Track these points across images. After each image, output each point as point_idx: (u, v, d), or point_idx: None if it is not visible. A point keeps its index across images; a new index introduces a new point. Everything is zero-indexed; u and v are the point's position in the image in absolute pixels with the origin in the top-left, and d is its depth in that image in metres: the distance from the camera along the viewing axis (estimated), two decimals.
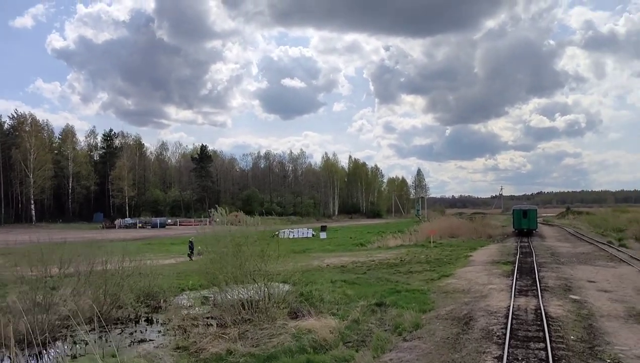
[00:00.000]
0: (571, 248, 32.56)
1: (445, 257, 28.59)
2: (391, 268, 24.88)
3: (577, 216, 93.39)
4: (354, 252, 35.61)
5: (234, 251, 16.56)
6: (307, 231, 60.05)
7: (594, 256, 27.60)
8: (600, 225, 69.07)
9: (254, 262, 16.50)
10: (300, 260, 31.79)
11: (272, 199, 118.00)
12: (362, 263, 27.47)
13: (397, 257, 29.90)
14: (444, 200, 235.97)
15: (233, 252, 16.61)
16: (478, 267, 23.36)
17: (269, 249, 18.29)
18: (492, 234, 53.80)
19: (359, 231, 68.06)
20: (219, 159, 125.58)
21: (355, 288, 19.30)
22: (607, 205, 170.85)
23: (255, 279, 16.32)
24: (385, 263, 27.12)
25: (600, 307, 14.47)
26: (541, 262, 24.40)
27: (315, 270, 26.01)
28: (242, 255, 16.89)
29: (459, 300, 15.79)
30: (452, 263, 25.62)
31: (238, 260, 16.27)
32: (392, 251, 35.10)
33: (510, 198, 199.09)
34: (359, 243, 45.58)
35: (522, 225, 49.09)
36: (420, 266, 25.09)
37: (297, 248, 41.08)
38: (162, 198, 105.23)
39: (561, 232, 54.63)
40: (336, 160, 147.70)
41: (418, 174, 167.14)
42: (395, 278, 21.29)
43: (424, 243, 38.98)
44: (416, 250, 34.36)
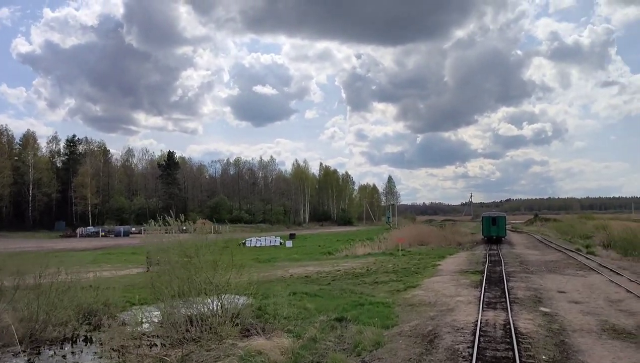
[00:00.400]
0: (540, 256, 32.06)
1: (413, 266, 27.70)
2: (357, 279, 23.85)
3: (545, 223, 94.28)
4: (320, 261, 34.50)
5: (183, 263, 15.27)
6: (275, 239, 58.75)
7: (563, 264, 27.05)
8: (568, 232, 69.53)
9: (204, 274, 15.23)
10: (264, 270, 30.58)
11: (241, 207, 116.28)
12: (327, 273, 26.38)
13: (364, 266, 28.90)
14: (415, 207, 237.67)
15: (182, 263, 15.32)
16: (446, 276, 22.49)
17: (222, 260, 16.96)
18: (461, 242, 53.41)
19: (329, 239, 67.06)
20: (187, 166, 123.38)
21: (317, 301, 18.18)
22: (574, 212, 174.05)
23: (207, 293, 15.07)
24: (351, 273, 26.09)
25: (572, 321, 13.64)
26: (510, 271, 23.67)
27: (277, 281, 24.82)
28: (192, 267, 15.60)
29: (424, 315, 14.80)
30: (419, 272, 24.72)
31: (187, 272, 14.99)
32: (359, 260, 34.10)
33: (480, 206, 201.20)
34: (327, 252, 44.52)
35: (492, 233, 48.74)
36: (387, 276, 24.11)
37: (263, 257, 39.84)
38: (127, 206, 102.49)
39: (530, 239, 54.55)
40: (307, 167, 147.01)
41: (389, 181, 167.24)
42: (360, 290, 20.25)
43: (393, 252, 38.11)
44: (384, 258, 33.43)
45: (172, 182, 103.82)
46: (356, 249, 45.93)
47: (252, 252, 48.02)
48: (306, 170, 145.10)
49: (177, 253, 15.65)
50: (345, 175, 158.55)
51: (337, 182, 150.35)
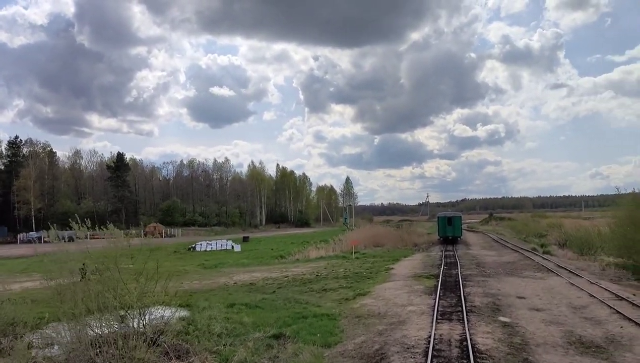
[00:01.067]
0: (497, 257, 31.03)
1: (366, 270, 26.11)
2: (304, 286, 22.07)
3: (500, 222, 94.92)
4: (270, 266, 32.57)
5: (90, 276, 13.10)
6: (226, 243, 56.41)
7: (520, 265, 25.97)
8: (522, 231, 69.69)
9: (119, 287, 13.12)
10: (207, 277, 28.45)
11: (195, 209, 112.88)
12: (274, 280, 24.51)
13: (314, 271, 27.15)
14: (373, 208, 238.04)
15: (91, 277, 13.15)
16: (399, 282, 20.94)
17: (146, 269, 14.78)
18: (417, 242, 52.37)
19: (283, 241, 65.09)
20: (138, 168, 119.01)
21: (256, 313, 16.27)
22: (526, 211, 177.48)
23: (123, 308, 12.96)
24: (300, 279, 24.28)
25: (534, 333, 12.21)
26: (466, 275, 22.33)
27: (219, 289, 22.81)
28: (106, 280, 13.46)
29: (372, 329, 13.12)
30: (371, 277, 23.13)
31: (95, 286, 12.84)
32: (311, 264, 32.36)
33: (437, 205, 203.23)
34: (279, 256, 42.58)
35: (447, 233, 47.80)
36: (337, 282, 22.42)
37: (210, 263, 37.62)
38: (74, 210, 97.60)
39: (485, 239, 54.01)
40: (263, 169, 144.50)
41: (347, 182, 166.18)
42: (306, 299, 18.47)
43: (346, 255, 36.52)
44: (336, 262, 31.78)
45: (122, 184, 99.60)
46: (309, 252, 44.18)
47: (201, 257, 45.66)
48: (262, 172, 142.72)
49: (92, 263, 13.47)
50: (303, 177, 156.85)
51: (295, 183, 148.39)
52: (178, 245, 60.44)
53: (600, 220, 72.97)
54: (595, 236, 34.52)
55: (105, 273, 13.76)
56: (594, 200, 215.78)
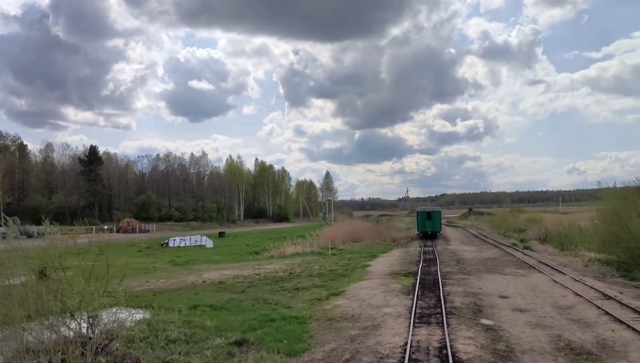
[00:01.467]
0: (477, 253, 30.18)
1: (341, 267, 24.98)
2: (276, 284, 20.87)
3: (479, 217, 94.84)
4: (243, 263, 31.26)
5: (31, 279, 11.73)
6: (201, 238, 54.86)
7: (501, 262, 25.09)
8: (501, 226, 69.38)
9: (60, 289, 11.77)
10: (175, 276, 27.05)
11: (170, 204, 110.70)
12: (245, 278, 23.25)
13: (288, 268, 25.95)
14: (353, 202, 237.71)
15: None
16: (375, 280, 19.84)
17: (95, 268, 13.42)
18: (396, 238, 51.48)
19: (260, 237, 63.76)
20: (113, 162, 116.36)
21: (221, 316, 15.02)
22: (505, 206, 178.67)
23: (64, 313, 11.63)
24: (272, 277, 23.05)
25: (519, 337, 11.19)
26: (446, 272, 21.32)
27: (186, 288, 21.50)
28: (49, 282, 12.11)
29: (343, 334, 11.97)
30: (347, 275, 22.00)
31: (35, 287, 11.49)
32: (285, 261, 31.15)
33: (417, 200, 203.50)
34: (254, 252, 41.28)
35: (427, 228, 46.99)
36: (311, 280, 21.25)
37: (181, 260, 36.17)
38: (45, 205, 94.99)
39: (465, 234, 53.38)
40: (241, 163, 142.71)
41: (326, 177, 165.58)
42: (276, 299, 17.26)
43: (323, 251, 35.38)
44: (312, 259, 30.61)
45: (95, 178, 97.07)
46: (285, 248, 42.92)
47: (173, 253, 44.16)
48: (240, 166, 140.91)
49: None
50: (282, 171, 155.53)
51: (273, 177, 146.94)
52: (151, 241, 58.77)
53: (578, 215, 73.07)
54: (575, 231, 33.91)
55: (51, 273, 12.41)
56: (570, 195, 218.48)
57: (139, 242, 59.11)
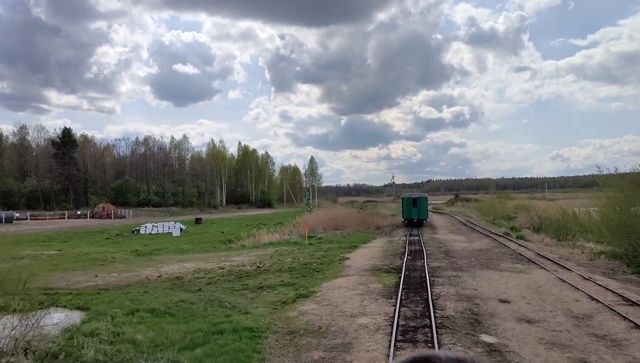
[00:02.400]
0: (467, 243, 27.56)
1: (317, 260, 22.20)
2: (239, 281, 18.07)
3: (466, 203, 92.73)
4: (210, 254, 28.39)
5: None
6: (174, 225, 51.77)
7: (495, 254, 22.45)
8: (489, 213, 67.10)
9: None
10: (132, 268, 24.10)
11: (149, 189, 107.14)
12: (207, 273, 20.44)
13: (258, 260, 23.15)
14: (339, 188, 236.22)
15: None
16: (352, 277, 17.07)
17: None
18: (380, 225, 48.87)
19: (238, 224, 60.85)
20: (90, 145, 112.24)
21: (163, 324, 12.20)
22: (491, 192, 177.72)
23: None
24: (237, 271, 20.24)
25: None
26: (434, 268, 18.62)
27: (137, 285, 18.70)
28: None
29: (304, 356, 9.20)
30: (321, 271, 19.23)
31: None
32: (258, 251, 28.34)
33: (402, 186, 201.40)
34: (227, 240, 38.39)
35: (412, 215, 44.37)
36: (279, 276, 18.47)
37: (147, 249, 33.19)
38: (17, 189, 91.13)
39: (452, 222, 50.91)
40: (224, 147, 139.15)
41: (311, 162, 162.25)
42: (234, 301, 14.46)
43: (300, 240, 32.60)
44: (286, 249, 27.82)
45: (69, 161, 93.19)
46: (261, 237, 40.12)
47: (141, 241, 41.14)
48: (223, 151, 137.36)
49: None
50: (265, 156, 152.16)
51: (257, 162, 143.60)
52: (123, 228, 55.62)
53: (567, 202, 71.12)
54: (571, 220, 31.46)
55: None
56: (554, 181, 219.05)
57: (110, 228, 55.91)
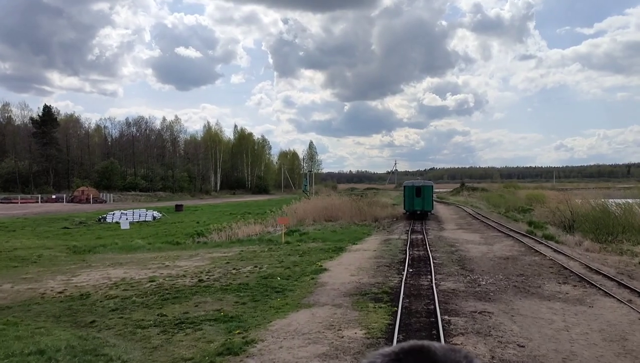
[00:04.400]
0: (485, 246, 21.49)
1: (284, 271, 16.21)
2: (159, 307, 12.22)
3: (472, 192, 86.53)
4: (159, 254, 22.44)
5: None
6: (147, 213, 45.88)
7: (529, 267, 16.33)
8: (499, 204, 61.10)
9: None
10: (42, 275, 18.20)
11: (136, 172, 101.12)
12: (129, 287, 14.62)
13: (207, 268, 17.21)
14: (341, 175, 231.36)
15: None
16: (322, 310, 11.04)
17: None
18: (378, 217, 42.91)
19: (222, 212, 54.89)
20: (76, 125, 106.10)
21: None
22: (495, 181, 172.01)
23: None
24: (168, 287, 14.32)
25: None
26: (448, 294, 12.53)
27: (22, 305, 13.36)
28: None
29: None
30: (283, 291, 13.24)
31: None
32: (219, 251, 22.41)
33: (405, 174, 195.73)
34: (196, 233, 32.50)
35: (415, 207, 38.29)
36: (220, 300, 12.55)
37: (90, 244, 27.29)
38: None
39: (460, 214, 44.80)
40: (220, 130, 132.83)
41: (310, 147, 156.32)
42: (119, 354, 8.60)
43: (278, 238, 26.64)
44: (254, 250, 21.83)
45: (50, 141, 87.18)
46: (239, 229, 34.23)
47: (99, 232, 35.30)
48: (219, 134, 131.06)
49: None
50: (262, 140, 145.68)
51: (253, 146, 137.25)
52: (92, 215, 49.69)
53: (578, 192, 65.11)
54: (613, 217, 25.42)
55: None
56: (559, 171, 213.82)
57: (79, 215, 50.01)
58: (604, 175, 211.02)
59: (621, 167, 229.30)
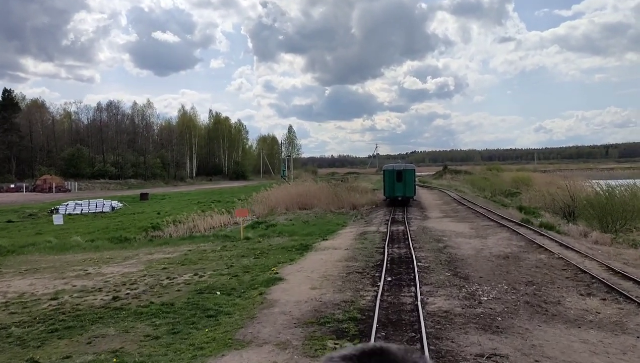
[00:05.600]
0: (477, 239, 18.22)
1: (230, 280, 12.71)
2: (35, 347, 8.68)
3: (455, 176, 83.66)
4: (89, 256, 18.77)
5: None
6: (105, 203, 41.90)
7: (536, 270, 13.00)
8: (484, 187, 58.18)
9: None
10: None
11: (106, 159, 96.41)
12: (20, 310, 11.02)
13: (135, 277, 13.67)
14: (323, 159, 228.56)
15: None
16: (259, 351, 7.55)
17: None
18: (356, 204, 39.58)
19: (190, 200, 51.07)
20: (41, 109, 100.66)
21: None
22: (476, 163, 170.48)
23: None
24: (68, 310, 10.84)
25: None
26: (437, 315, 9.11)
27: None
28: None
29: None
30: (216, 315, 9.74)
31: None
32: (164, 250, 18.87)
33: (387, 158, 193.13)
34: (151, 226, 28.87)
35: (396, 193, 34.97)
36: (126, 331, 9.06)
37: (19, 242, 23.51)
38: None
39: (445, 199, 41.63)
40: (195, 115, 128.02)
41: (289, 131, 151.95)
42: None
43: (232, 233, 23.11)
44: (205, 249, 18.30)
45: (10, 128, 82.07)
46: (201, 220, 30.63)
47: (44, 226, 31.42)
48: (194, 118, 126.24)
49: None
50: (238, 124, 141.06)
51: (229, 131, 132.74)
52: (46, 205, 45.62)
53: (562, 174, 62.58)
54: (619, 202, 22.33)
55: None
56: (538, 153, 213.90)
57: (33, 206, 45.96)
58: (583, 156, 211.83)
59: (599, 148, 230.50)
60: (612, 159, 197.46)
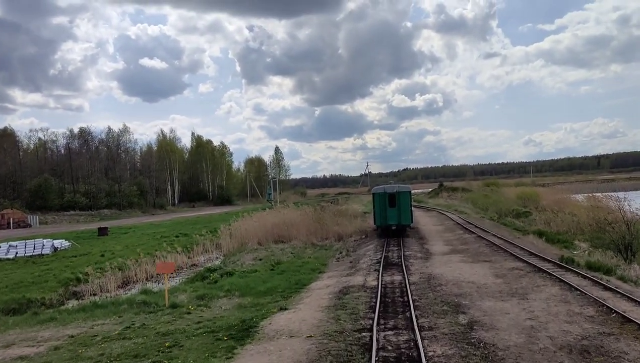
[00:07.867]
0: (511, 298, 11.96)
1: None
2: None
3: (452, 193, 77.43)
4: None
5: None
6: (46, 244, 35.26)
7: None
8: (486, 206, 52.07)
9: None
10: None
11: (76, 189, 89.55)
12: None
13: None
14: (315, 180, 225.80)
15: None
16: None
17: None
18: (343, 233, 33.47)
19: (154, 234, 44.52)
20: (10, 139, 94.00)
21: None
22: (469, 179, 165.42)
23: None
24: None
25: None
26: None
27: None
28: None
29: None
30: None
31: None
32: (42, 334, 12.55)
33: (379, 176, 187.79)
34: (76, 279, 22.41)
35: (389, 220, 28.47)
36: None
37: None
38: None
39: (446, 224, 35.32)
40: (174, 138, 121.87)
41: (276, 153, 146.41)
42: None
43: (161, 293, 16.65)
44: (96, 334, 11.95)
45: None
46: (148, 266, 24.23)
47: None
48: (173, 143, 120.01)
49: None
50: (222, 146, 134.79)
51: (212, 154, 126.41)
52: None
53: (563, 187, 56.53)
54: None
55: None
56: (530, 166, 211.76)
57: None
58: (576, 168, 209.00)
59: (591, 159, 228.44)
60: (604, 170, 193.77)
